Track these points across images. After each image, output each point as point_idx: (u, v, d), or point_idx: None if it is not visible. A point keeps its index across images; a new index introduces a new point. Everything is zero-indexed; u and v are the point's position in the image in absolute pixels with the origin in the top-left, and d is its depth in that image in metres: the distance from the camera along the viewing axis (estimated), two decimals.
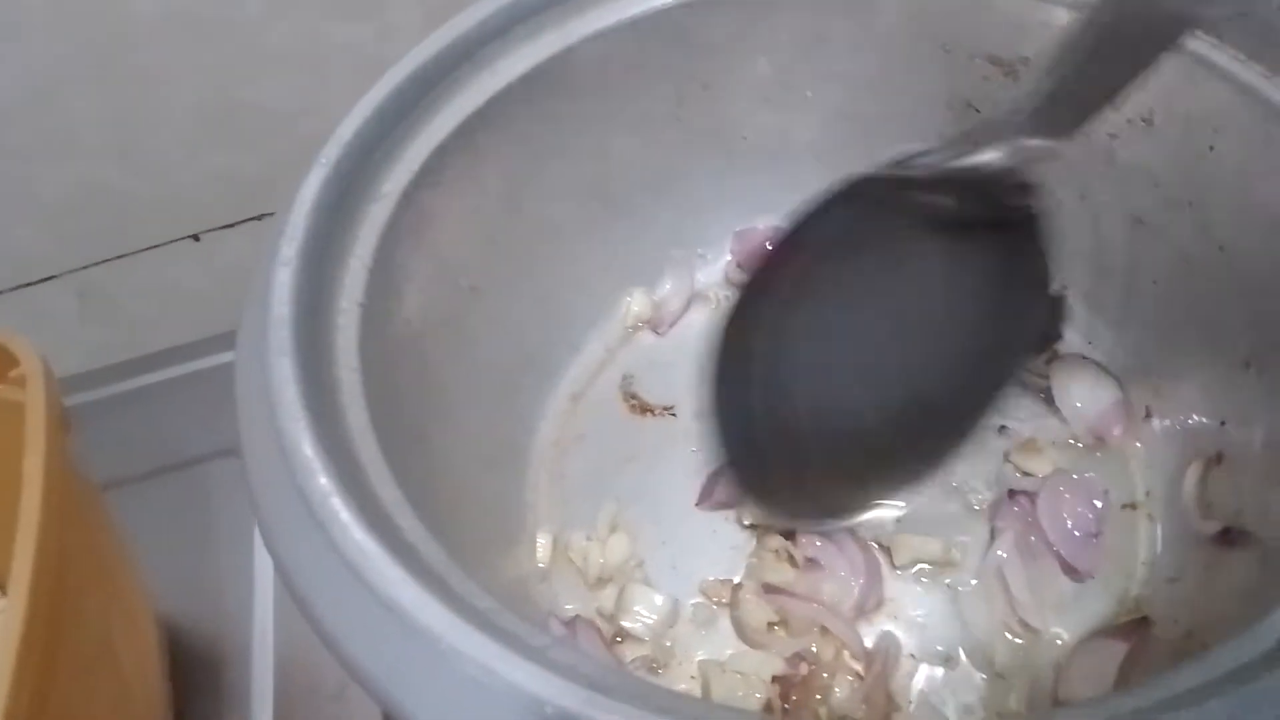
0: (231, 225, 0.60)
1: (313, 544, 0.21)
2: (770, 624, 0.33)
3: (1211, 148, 0.31)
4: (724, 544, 0.36)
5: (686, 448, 0.38)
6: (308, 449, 0.23)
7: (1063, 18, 0.33)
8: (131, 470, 0.46)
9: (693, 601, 0.35)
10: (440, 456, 0.33)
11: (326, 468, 0.22)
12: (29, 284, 0.59)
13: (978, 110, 0.37)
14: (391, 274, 0.31)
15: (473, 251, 0.36)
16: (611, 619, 0.34)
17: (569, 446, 0.39)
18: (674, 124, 0.40)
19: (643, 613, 0.34)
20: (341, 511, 0.21)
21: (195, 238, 0.60)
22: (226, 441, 0.47)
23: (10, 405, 0.32)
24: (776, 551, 0.35)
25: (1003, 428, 0.37)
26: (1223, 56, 0.30)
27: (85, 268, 0.59)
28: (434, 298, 0.34)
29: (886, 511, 0.35)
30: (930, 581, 0.34)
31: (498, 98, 0.34)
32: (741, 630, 0.33)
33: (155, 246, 0.60)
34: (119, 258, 0.59)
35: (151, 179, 0.56)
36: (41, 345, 0.35)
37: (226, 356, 0.54)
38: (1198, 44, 0.30)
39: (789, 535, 0.35)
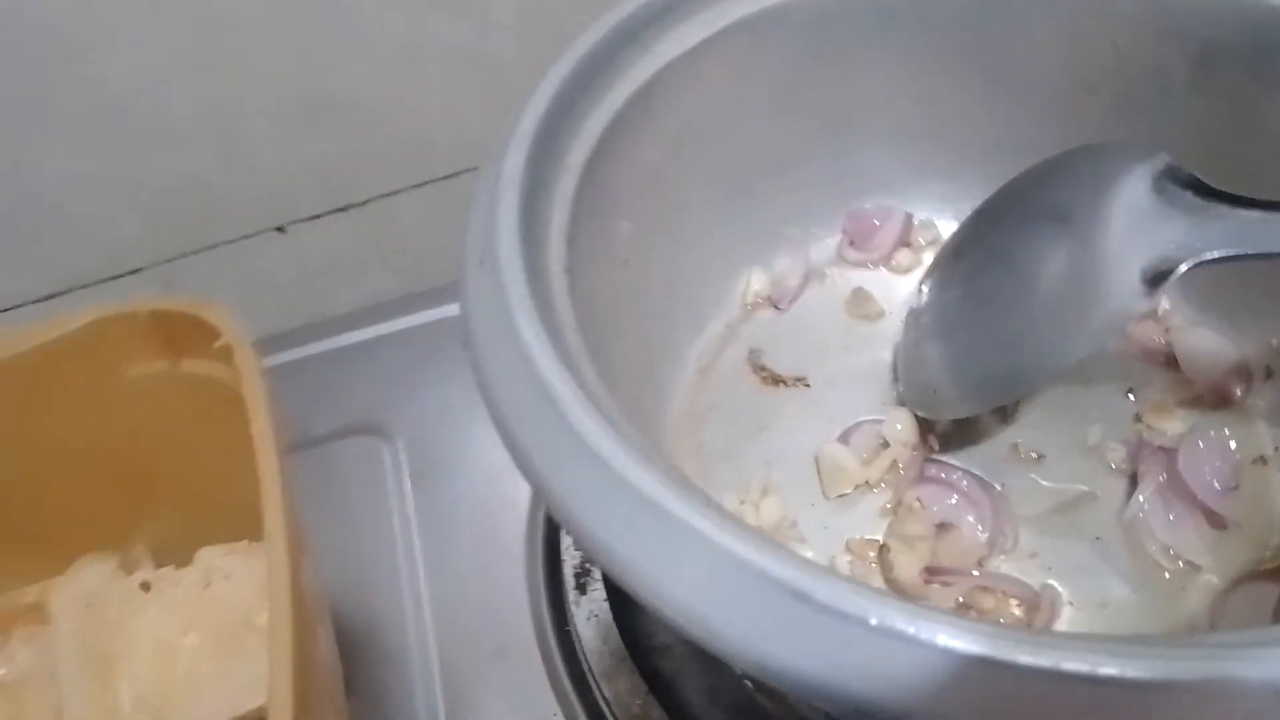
0: (317, 217, 0.61)
1: (591, 479, 0.23)
2: (926, 579, 0.35)
3: None
4: (870, 505, 0.37)
5: (823, 414, 0.40)
6: (578, 398, 0.24)
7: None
8: None
9: (846, 559, 0.36)
10: None
11: (594, 413, 0.24)
12: (117, 276, 0.59)
13: (1094, 92, 0.39)
14: (578, 242, 0.32)
15: (627, 226, 0.37)
16: None
17: (704, 417, 0.41)
18: (801, 106, 0.41)
19: None
20: (621, 449, 0.23)
21: (280, 229, 0.61)
22: (340, 421, 0.49)
23: (197, 380, 0.33)
24: (911, 507, 0.36)
25: (1130, 390, 0.39)
26: None
27: (172, 260, 0.60)
28: (601, 268, 0.35)
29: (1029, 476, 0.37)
30: (1073, 532, 0.36)
31: (656, 78, 0.35)
32: (897, 588, 0.35)
33: (242, 238, 0.60)
34: (206, 249, 0.60)
35: (243, 169, 0.57)
36: None
37: (314, 348, 0.55)
38: None
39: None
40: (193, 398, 0.35)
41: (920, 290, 0.40)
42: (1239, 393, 0.38)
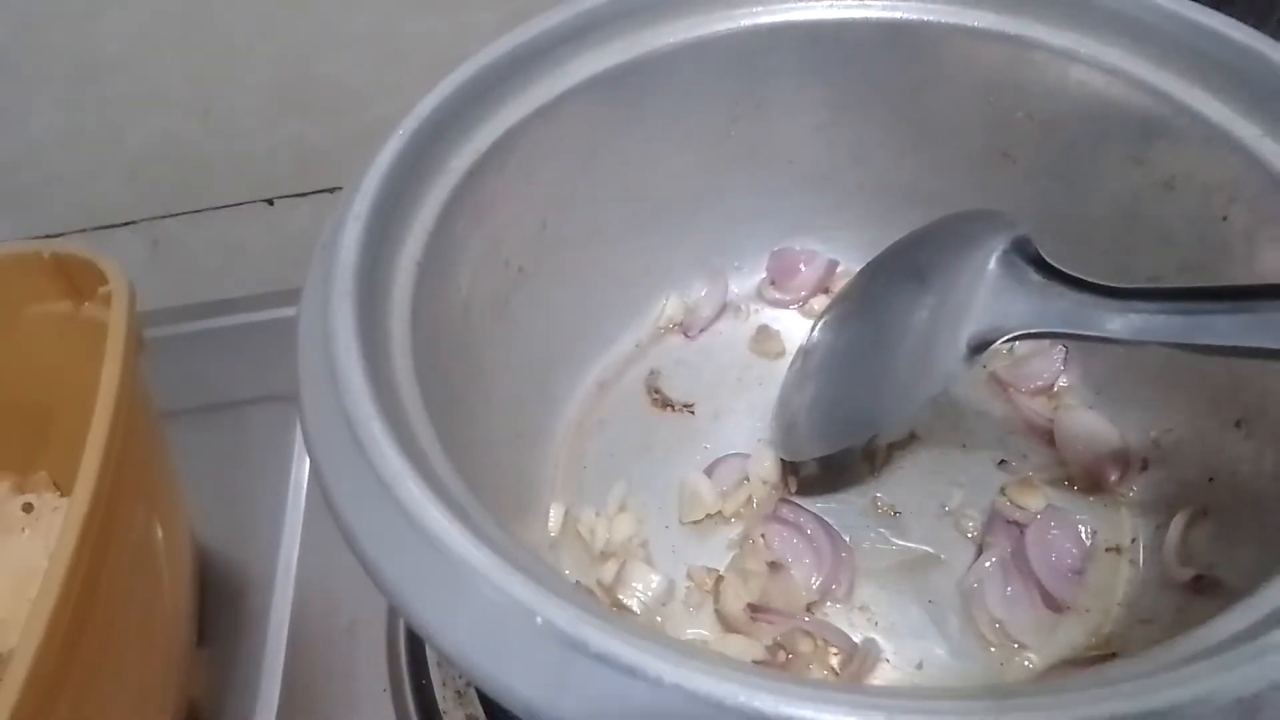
0: (304, 194, 0.64)
1: (354, 465, 0.24)
2: (751, 615, 0.35)
3: (1225, 217, 0.33)
4: (723, 536, 0.38)
5: (700, 444, 0.41)
6: (357, 379, 0.25)
7: (1093, 78, 0.35)
8: (185, 404, 0.49)
9: (685, 585, 0.37)
10: (470, 418, 0.35)
11: (372, 397, 0.25)
12: (107, 226, 0.63)
13: (1013, 160, 0.40)
14: (449, 243, 0.33)
15: (524, 235, 0.38)
16: (610, 591, 0.36)
17: (591, 430, 0.42)
18: (725, 141, 0.42)
19: (639, 589, 0.36)
20: (381, 437, 0.24)
21: (269, 202, 0.64)
22: (274, 388, 0.51)
23: (96, 324, 0.35)
24: (755, 542, 0.37)
25: (1003, 461, 0.38)
26: (1242, 129, 0.32)
27: (161, 218, 0.63)
28: (484, 272, 0.36)
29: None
30: (911, 591, 0.35)
31: (565, 95, 0.37)
32: (723, 619, 0.35)
33: (229, 206, 0.64)
34: (194, 212, 0.63)
35: (230, 140, 0.60)
36: None
37: (283, 311, 0.58)
38: (1219, 113, 0.32)
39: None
40: (93, 340, 0.37)
41: (812, 331, 0.41)
42: (1113, 479, 0.37)
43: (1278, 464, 0.30)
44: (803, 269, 0.46)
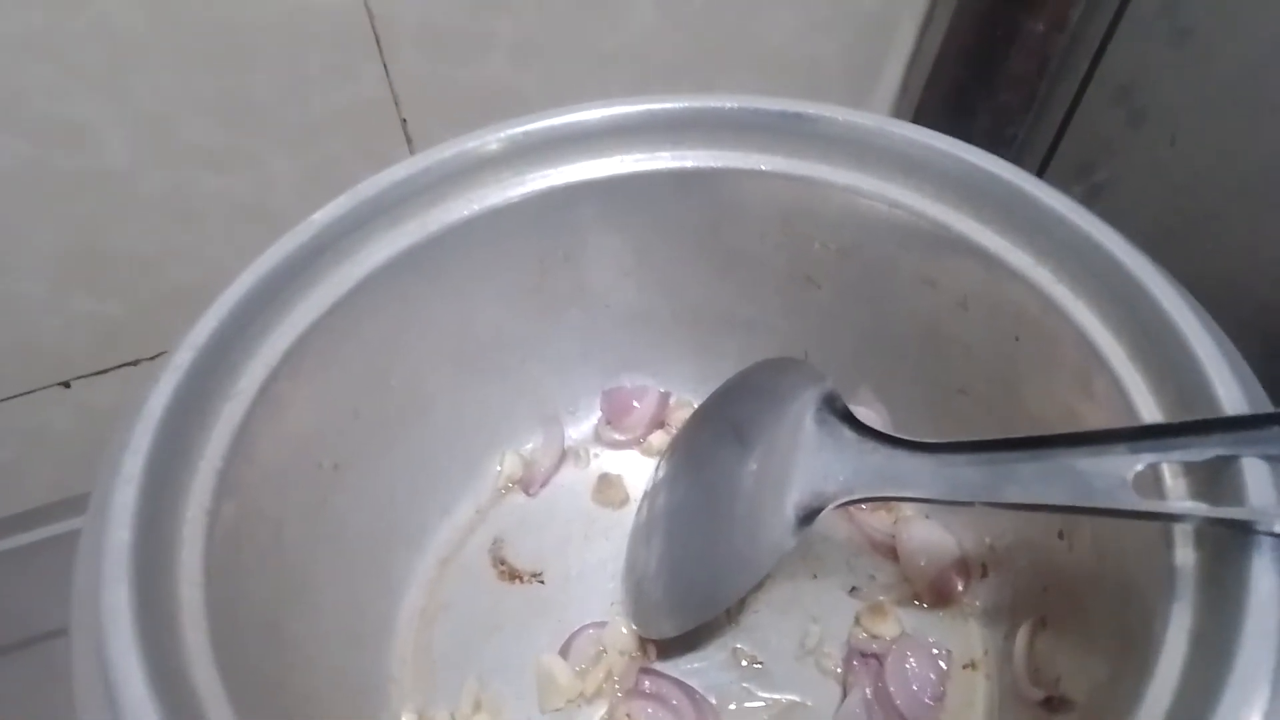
0: (104, 371, 0.59)
1: None
2: None
3: (1017, 337, 0.34)
4: (586, 718, 0.36)
5: (553, 616, 0.39)
6: (138, 687, 0.23)
7: (878, 210, 0.36)
8: None
9: None
10: (296, 645, 0.32)
11: (157, 708, 0.22)
12: None
13: (818, 284, 0.40)
14: (245, 470, 0.31)
15: (335, 431, 0.36)
16: None
17: (436, 615, 0.40)
18: (538, 293, 0.41)
19: None
20: None
21: (65, 384, 0.59)
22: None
23: None
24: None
25: (854, 588, 0.39)
26: (1017, 257, 0.33)
27: None
28: (293, 485, 0.34)
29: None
30: None
31: (360, 286, 0.35)
32: None
33: (22, 394, 0.58)
34: None
35: (13, 326, 0.55)
36: None
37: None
38: (995, 243, 0.34)
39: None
40: None
41: (655, 474, 0.40)
42: (959, 588, 0.38)
43: (1098, 576, 0.31)
44: (636, 405, 0.45)
